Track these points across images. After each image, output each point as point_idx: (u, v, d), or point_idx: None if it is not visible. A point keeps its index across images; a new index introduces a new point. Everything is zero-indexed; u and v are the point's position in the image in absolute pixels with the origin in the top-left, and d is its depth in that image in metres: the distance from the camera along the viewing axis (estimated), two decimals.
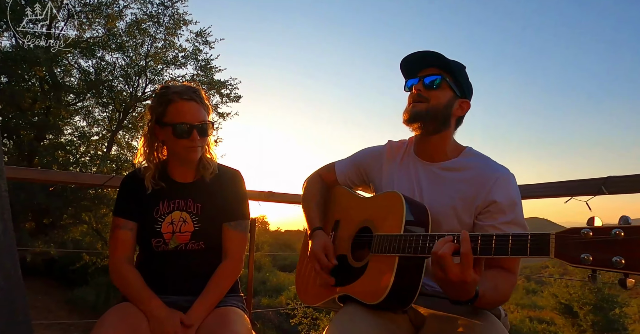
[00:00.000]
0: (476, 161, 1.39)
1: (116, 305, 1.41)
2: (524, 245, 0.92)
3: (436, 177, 1.41)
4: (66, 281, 11.43)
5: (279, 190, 2.65)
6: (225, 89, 13.16)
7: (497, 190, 1.28)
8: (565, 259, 0.85)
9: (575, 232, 0.84)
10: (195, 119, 1.48)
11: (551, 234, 0.88)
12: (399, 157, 1.53)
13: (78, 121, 12.58)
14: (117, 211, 1.55)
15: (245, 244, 1.63)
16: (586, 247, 0.82)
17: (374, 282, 1.27)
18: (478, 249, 1.00)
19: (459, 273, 1.00)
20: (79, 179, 2.26)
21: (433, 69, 1.38)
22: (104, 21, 11.68)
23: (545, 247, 0.88)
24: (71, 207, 11.06)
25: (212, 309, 1.45)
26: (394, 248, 1.21)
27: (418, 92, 1.38)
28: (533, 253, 0.90)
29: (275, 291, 14.22)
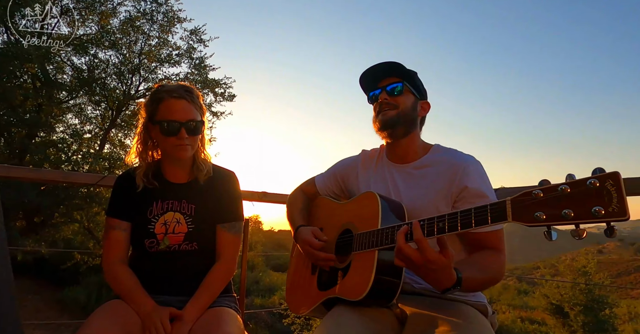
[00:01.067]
0: (444, 155, 1.47)
1: (107, 302, 1.41)
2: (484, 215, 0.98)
3: (410, 176, 1.49)
4: (57, 281, 11.32)
5: (273, 190, 2.65)
6: (220, 87, 13.13)
7: (466, 177, 1.35)
8: (522, 221, 0.90)
9: (527, 194, 0.90)
10: (183, 117, 1.46)
11: (507, 200, 0.94)
12: (373, 163, 1.61)
13: (70, 118, 12.51)
14: (111, 211, 1.54)
15: (239, 246, 1.63)
16: (538, 206, 0.87)
17: (356, 279, 1.30)
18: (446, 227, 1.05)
19: (419, 257, 1.06)
20: (70, 178, 2.24)
21: (391, 78, 1.50)
22: (98, 18, 11.61)
23: (502, 213, 0.94)
24: (62, 206, 10.98)
25: (205, 310, 1.45)
26: (372, 243, 1.27)
27: (385, 101, 1.48)
28: (494, 220, 0.96)
29: (268, 291, 14.20)
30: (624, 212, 0.76)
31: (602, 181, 0.79)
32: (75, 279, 11.07)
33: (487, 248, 1.31)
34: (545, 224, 0.86)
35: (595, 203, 0.79)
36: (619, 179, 0.78)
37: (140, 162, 1.57)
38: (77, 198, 10.91)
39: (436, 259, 1.05)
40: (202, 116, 1.55)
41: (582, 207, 0.81)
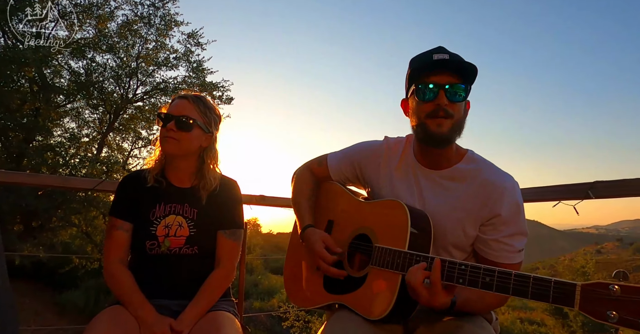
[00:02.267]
0: (479, 168, 1.30)
1: (107, 308, 1.40)
2: (546, 292, 0.91)
3: (439, 186, 1.33)
4: (55, 284, 11.29)
5: (270, 194, 2.64)
6: (217, 91, 13.12)
7: (502, 203, 1.23)
8: (590, 314, 0.84)
9: (603, 287, 0.83)
10: (177, 112, 1.51)
11: (577, 286, 0.86)
12: (397, 158, 1.42)
13: (68, 122, 12.48)
14: (114, 211, 1.54)
15: (239, 253, 1.64)
16: (612, 304, 0.81)
17: (374, 297, 1.23)
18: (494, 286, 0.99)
19: (427, 297, 1.03)
20: (68, 184, 2.24)
21: (456, 76, 1.22)
22: (95, 22, 11.60)
23: (569, 299, 0.87)
24: (60, 210, 10.95)
25: (203, 315, 1.45)
26: (397, 265, 1.18)
27: (444, 107, 1.21)
28: (556, 301, 0.89)
29: (267, 294, 14.16)
30: None
31: None
32: (74, 283, 11.04)
33: None
34: (616, 326, 0.81)
35: None
36: None
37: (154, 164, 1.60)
38: (75, 202, 10.89)
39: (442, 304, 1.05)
40: (207, 124, 1.56)
41: None
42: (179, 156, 1.55)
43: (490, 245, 1.26)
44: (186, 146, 1.52)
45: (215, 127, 1.61)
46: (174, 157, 1.57)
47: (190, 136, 1.52)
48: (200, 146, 1.58)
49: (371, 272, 1.28)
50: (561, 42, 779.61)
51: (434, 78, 1.22)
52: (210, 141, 1.59)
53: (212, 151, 1.61)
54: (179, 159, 1.57)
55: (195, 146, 1.55)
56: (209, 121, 1.57)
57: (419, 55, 1.29)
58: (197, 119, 1.53)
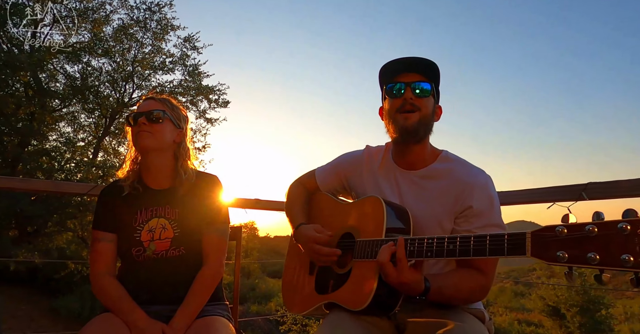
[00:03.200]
0: (453, 166, 1.39)
1: (98, 316, 1.39)
2: (501, 245, 0.94)
3: (416, 186, 1.41)
4: (50, 290, 11.20)
5: (265, 197, 2.64)
6: (214, 94, 13.14)
7: (474, 196, 1.30)
8: (542, 258, 0.86)
9: (551, 230, 0.85)
10: (146, 108, 1.53)
11: (527, 233, 0.89)
12: (378, 163, 1.52)
13: (63, 126, 12.47)
14: (96, 223, 1.53)
15: (225, 248, 1.60)
16: (561, 244, 0.83)
17: (357, 288, 1.27)
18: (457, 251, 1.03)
19: (396, 274, 1.09)
20: (61, 188, 2.22)
21: (419, 75, 1.35)
22: (91, 26, 11.60)
23: (521, 247, 0.90)
24: (56, 215, 10.91)
25: (195, 318, 1.43)
26: (375, 253, 1.21)
27: (410, 100, 1.33)
28: (510, 252, 0.91)
29: (265, 298, 14.11)
30: None
31: (635, 227, 0.75)
32: (69, 288, 10.96)
33: (474, 268, 1.26)
34: (567, 264, 0.82)
35: (625, 250, 0.75)
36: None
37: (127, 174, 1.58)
38: (71, 207, 10.84)
39: (410, 281, 1.09)
40: (177, 119, 1.57)
41: (610, 253, 0.76)
42: (154, 150, 1.53)
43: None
44: (160, 138, 1.51)
45: (184, 124, 1.61)
46: (149, 153, 1.54)
47: (163, 128, 1.52)
48: (174, 141, 1.56)
49: (355, 266, 1.32)
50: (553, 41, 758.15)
51: (401, 78, 1.36)
52: (182, 137, 1.59)
53: (184, 146, 1.59)
54: (154, 155, 1.54)
55: (168, 140, 1.54)
56: (177, 116, 1.58)
57: (387, 62, 1.42)
58: (167, 113, 1.54)
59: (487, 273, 1.27)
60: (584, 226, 0.80)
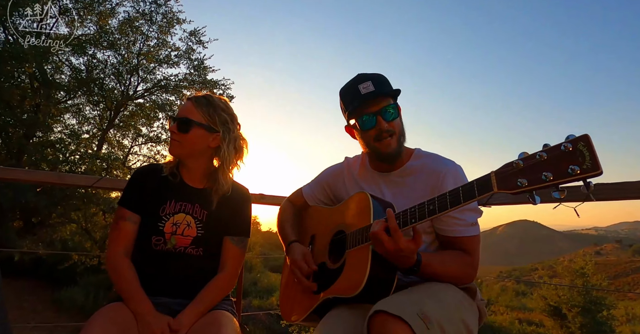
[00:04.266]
0: (425, 160, 1.49)
1: (106, 306, 1.39)
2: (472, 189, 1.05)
3: (395, 184, 1.52)
4: (54, 281, 11.27)
5: (270, 192, 2.65)
6: (218, 89, 13.11)
7: (446, 183, 1.39)
8: (507, 189, 0.96)
9: (509, 165, 0.97)
10: (180, 113, 1.53)
11: (491, 173, 1.01)
12: (356, 170, 1.62)
13: (68, 118, 12.47)
14: (125, 201, 1.53)
15: (243, 260, 1.66)
16: (520, 174, 0.94)
17: (352, 274, 1.31)
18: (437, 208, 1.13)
19: (392, 243, 1.16)
20: (65, 180, 2.22)
21: (382, 98, 1.42)
22: (96, 18, 11.58)
23: (488, 184, 1.00)
24: (60, 206, 10.95)
25: (202, 315, 1.44)
26: (365, 238, 1.29)
27: (386, 129, 1.42)
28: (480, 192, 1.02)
29: (267, 292, 14.15)
30: (597, 167, 0.82)
31: (575, 144, 0.86)
32: (73, 280, 11.03)
33: (460, 249, 1.38)
34: (528, 188, 0.92)
35: (570, 163, 0.86)
36: (589, 140, 0.85)
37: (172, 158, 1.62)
38: (75, 199, 10.89)
39: (405, 248, 1.15)
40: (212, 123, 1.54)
41: (560, 169, 0.87)
42: (184, 157, 1.56)
43: (443, 221, 1.39)
44: (188, 147, 1.52)
45: (224, 126, 1.57)
46: (182, 159, 1.58)
47: (190, 137, 1.51)
48: (209, 147, 1.56)
49: (348, 256, 1.38)
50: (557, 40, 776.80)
51: (368, 109, 1.42)
52: (220, 141, 1.56)
53: (224, 152, 1.56)
54: (188, 160, 1.57)
55: (199, 147, 1.54)
56: (212, 120, 1.54)
57: (346, 90, 1.48)
58: (196, 119, 1.52)
59: (471, 252, 1.38)
60: (535, 155, 0.92)
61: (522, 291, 21.68)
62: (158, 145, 13.06)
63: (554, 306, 13.72)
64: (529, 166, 0.93)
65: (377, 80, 1.43)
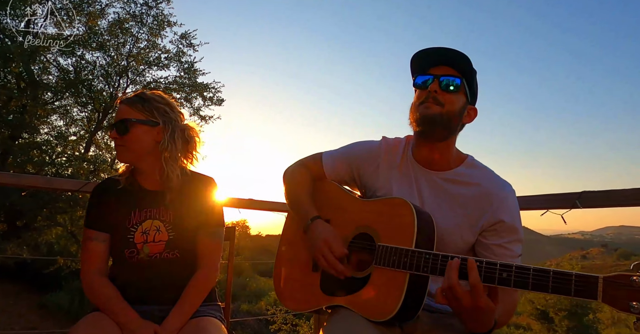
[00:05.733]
0: (480, 174, 1.32)
1: (88, 315, 1.37)
2: (567, 286, 0.91)
3: (439, 188, 1.33)
4: (39, 285, 11.09)
5: (259, 197, 2.64)
6: (208, 92, 13.07)
7: (504, 209, 1.25)
8: (614, 306, 0.85)
9: (625, 278, 0.85)
10: (115, 118, 1.48)
11: (599, 278, 0.88)
12: (398, 159, 1.41)
13: (55, 120, 12.31)
14: (89, 222, 1.50)
15: (220, 251, 1.59)
16: (635, 295, 0.83)
17: (379, 298, 1.19)
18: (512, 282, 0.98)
19: (470, 301, 0.98)
20: (53, 184, 2.19)
21: (449, 68, 1.27)
22: (85, 19, 11.47)
23: (592, 291, 0.88)
24: (46, 209, 10.77)
25: (188, 320, 1.42)
26: (404, 264, 1.14)
27: (434, 93, 1.25)
28: (578, 294, 0.89)
29: (255, 297, 14.09)
30: None
31: None
32: (58, 284, 10.86)
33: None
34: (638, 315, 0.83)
35: None
36: None
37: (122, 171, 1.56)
38: (61, 201, 10.72)
39: (486, 307, 0.98)
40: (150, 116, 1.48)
41: None
42: (135, 160, 1.49)
43: (493, 250, 1.26)
44: (134, 148, 1.46)
45: (164, 116, 1.50)
46: (133, 164, 1.52)
47: (133, 136, 1.45)
48: (156, 142, 1.49)
49: (375, 272, 1.22)
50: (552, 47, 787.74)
51: (431, 70, 1.28)
52: (162, 134, 1.49)
53: (164, 142, 1.48)
54: (140, 163, 1.50)
55: (146, 145, 1.47)
56: (150, 113, 1.48)
57: (419, 51, 1.32)
58: (133, 117, 1.46)
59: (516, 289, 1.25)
60: None
61: None
62: None
63: (541, 309, 13.89)
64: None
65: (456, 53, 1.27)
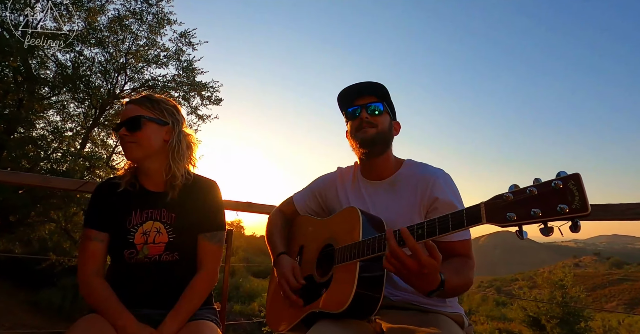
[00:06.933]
0: (415, 169, 1.54)
1: (84, 317, 1.36)
2: (460, 218, 1.04)
3: (385, 192, 1.54)
4: (31, 282, 11.00)
5: (257, 200, 2.66)
6: (207, 91, 13.03)
7: (436, 189, 1.43)
8: (495, 222, 0.96)
9: (499, 197, 0.97)
10: (124, 117, 1.48)
11: (481, 203, 1.01)
12: (349, 180, 1.66)
13: (52, 115, 12.21)
14: (89, 221, 1.49)
15: (221, 256, 1.60)
16: (509, 207, 0.94)
17: (338, 290, 1.31)
18: (425, 234, 1.11)
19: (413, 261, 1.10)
20: (50, 183, 2.18)
21: (371, 97, 1.54)
22: (85, 15, 11.42)
23: (477, 216, 1.00)
24: (39, 205, 10.68)
25: (185, 323, 1.42)
26: (353, 254, 1.30)
27: (366, 119, 1.51)
28: (469, 222, 1.02)
29: (249, 297, 14.05)
30: (585, 207, 0.83)
31: (565, 182, 0.87)
32: (51, 281, 10.77)
33: (458, 255, 1.39)
34: (516, 223, 0.93)
35: (560, 201, 0.86)
36: (580, 179, 0.86)
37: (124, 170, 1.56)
38: (55, 197, 10.64)
39: (429, 263, 1.09)
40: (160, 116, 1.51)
41: (549, 206, 0.88)
42: (144, 158, 1.49)
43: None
44: (146, 144, 1.47)
45: (172, 117, 1.54)
46: (141, 162, 1.51)
47: (145, 134, 1.46)
48: (164, 141, 1.51)
49: (335, 271, 1.38)
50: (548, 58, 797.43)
51: (356, 102, 1.56)
52: (170, 133, 1.52)
53: (172, 142, 1.52)
54: (147, 162, 1.51)
55: (156, 142, 1.49)
56: (160, 112, 1.51)
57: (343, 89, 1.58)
58: (145, 114, 1.48)
59: (471, 256, 1.41)
60: (526, 189, 0.92)
61: (503, 301, 21.91)
62: None
63: (533, 316, 13.93)
64: (518, 200, 0.93)
65: (372, 83, 1.54)
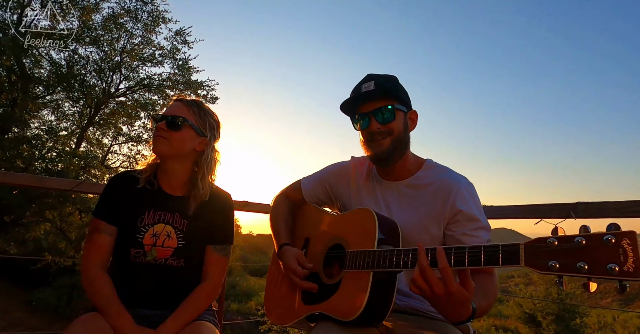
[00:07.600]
0: (436, 173, 1.42)
1: (81, 316, 1.34)
2: (496, 256, 0.97)
3: (402, 196, 1.44)
4: (26, 282, 10.93)
5: (254, 199, 2.65)
6: (202, 89, 13.00)
7: (460, 200, 1.33)
8: (535, 267, 0.89)
9: (542, 241, 0.90)
10: (169, 112, 1.48)
11: (520, 245, 0.93)
12: (363, 177, 1.55)
13: (46, 114, 12.15)
14: (100, 212, 1.46)
15: (226, 268, 1.61)
16: (552, 255, 0.88)
17: (348, 298, 1.27)
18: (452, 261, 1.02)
19: (442, 287, 1.01)
20: (45, 184, 2.16)
21: (380, 100, 1.36)
22: (79, 13, 11.35)
23: (515, 257, 0.93)
24: (34, 205, 10.64)
25: (184, 327, 1.41)
26: (368, 264, 1.22)
27: (377, 130, 1.36)
28: (505, 262, 0.95)
29: (245, 296, 14.05)
30: (638, 273, 0.77)
31: (619, 239, 0.80)
32: (46, 281, 10.72)
33: (483, 272, 1.28)
34: (558, 273, 0.87)
35: (610, 260, 0.80)
36: (635, 238, 0.79)
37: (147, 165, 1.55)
38: (50, 197, 10.59)
39: (458, 292, 1.00)
40: (201, 126, 1.51)
41: (597, 262, 0.81)
42: (170, 157, 1.48)
43: (462, 240, 1.31)
44: (177, 146, 1.46)
45: (212, 132, 1.54)
46: (166, 159, 1.50)
47: (181, 136, 1.46)
48: (194, 150, 1.51)
49: (345, 276, 1.31)
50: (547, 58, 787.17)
51: (362, 109, 1.38)
52: (205, 146, 1.52)
53: (206, 156, 1.52)
54: (172, 161, 1.50)
55: (187, 148, 1.49)
56: (203, 123, 1.51)
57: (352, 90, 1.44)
58: (189, 118, 1.48)
59: (494, 272, 1.31)
60: (574, 238, 0.85)
61: (499, 298, 21.99)
62: (139, 144, 12.86)
63: (529, 313, 14.00)
64: (563, 249, 0.86)
65: (381, 80, 1.38)
